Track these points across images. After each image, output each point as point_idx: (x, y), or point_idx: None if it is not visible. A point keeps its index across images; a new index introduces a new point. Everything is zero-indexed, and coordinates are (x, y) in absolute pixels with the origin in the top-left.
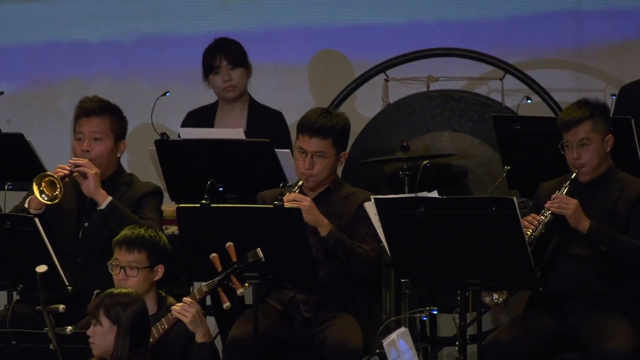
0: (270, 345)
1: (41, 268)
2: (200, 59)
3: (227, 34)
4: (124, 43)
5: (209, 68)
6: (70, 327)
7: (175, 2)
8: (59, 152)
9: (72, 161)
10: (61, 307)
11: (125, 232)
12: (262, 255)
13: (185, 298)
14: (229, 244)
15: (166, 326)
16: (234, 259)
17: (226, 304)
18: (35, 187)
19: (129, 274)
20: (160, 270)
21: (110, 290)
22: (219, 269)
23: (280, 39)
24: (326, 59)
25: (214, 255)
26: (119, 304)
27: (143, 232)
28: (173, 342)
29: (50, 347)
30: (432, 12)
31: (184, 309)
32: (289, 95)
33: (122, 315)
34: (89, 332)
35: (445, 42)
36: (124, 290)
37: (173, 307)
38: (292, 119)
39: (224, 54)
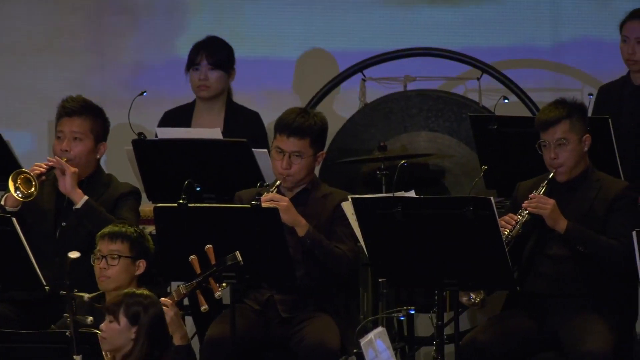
0: (248, 345)
1: (73, 254)
2: None
3: None
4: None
5: (190, 62)
6: (90, 317)
7: None
8: None
9: (50, 160)
10: (86, 296)
11: (109, 226)
12: (240, 259)
13: (163, 299)
14: (208, 246)
15: None
16: (213, 262)
17: (204, 307)
18: (10, 184)
19: (110, 262)
20: (142, 265)
21: (131, 290)
22: (198, 271)
23: None
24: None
25: (193, 257)
26: (140, 304)
27: (127, 227)
28: None
29: (67, 334)
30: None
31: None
32: None
33: (142, 316)
34: (102, 326)
35: (422, 42)
36: (145, 292)
37: None
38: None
39: (207, 53)
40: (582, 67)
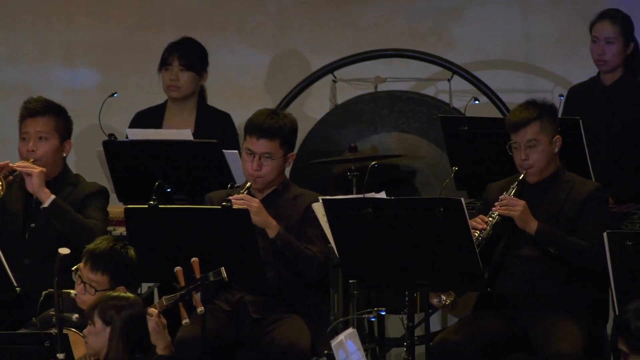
0: (219, 346)
1: (63, 250)
2: None
3: None
4: None
5: (162, 62)
6: (76, 314)
7: None
8: None
9: (18, 164)
10: (73, 292)
11: (97, 244)
12: (225, 275)
13: (148, 309)
14: (194, 259)
15: None
16: (198, 275)
17: (185, 321)
18: None
19: (87, 290)
20: (121, 289)
21: (109, 292)
22: (182, 283)
23: None
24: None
25: (178, 268)
26: (114, 307)
27: (111, 251)
28: None
29: (52, 331)
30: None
31: None
32: None
33: (115, 318)
34: (84, 332)
35: (393, 43)
36: (122, 294)
37: None
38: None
39: (179, 54)
40: (553, 68)
